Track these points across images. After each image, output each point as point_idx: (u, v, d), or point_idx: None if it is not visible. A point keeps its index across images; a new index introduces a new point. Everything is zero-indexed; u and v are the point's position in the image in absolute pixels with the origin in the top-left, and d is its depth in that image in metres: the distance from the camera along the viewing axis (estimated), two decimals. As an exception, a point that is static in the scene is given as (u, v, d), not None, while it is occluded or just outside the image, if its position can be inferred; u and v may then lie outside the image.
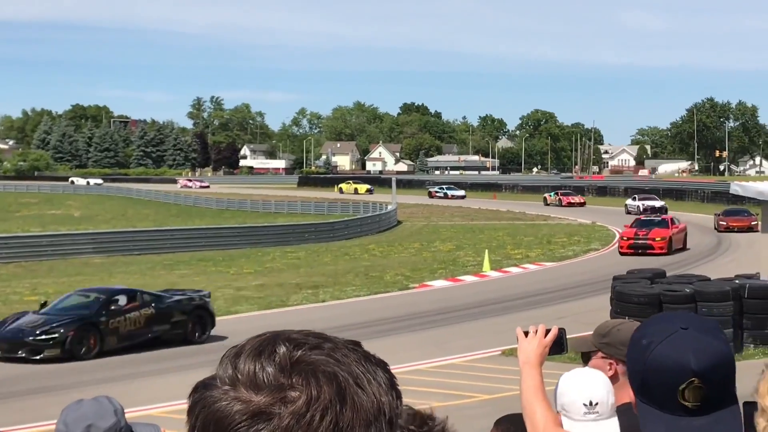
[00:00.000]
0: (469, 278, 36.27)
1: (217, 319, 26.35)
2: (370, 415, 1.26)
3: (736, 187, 23.70)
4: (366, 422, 1.25)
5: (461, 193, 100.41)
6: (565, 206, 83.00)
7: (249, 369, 1.27)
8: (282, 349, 1.28)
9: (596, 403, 3.52)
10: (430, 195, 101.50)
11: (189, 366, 19.58)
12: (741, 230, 53.88)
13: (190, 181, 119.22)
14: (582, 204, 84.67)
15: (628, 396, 3.91)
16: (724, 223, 55.83)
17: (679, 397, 2.11)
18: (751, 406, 2.27)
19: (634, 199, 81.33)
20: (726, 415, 2.14)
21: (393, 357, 19.72)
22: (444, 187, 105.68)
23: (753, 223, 53.16)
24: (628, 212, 72.61)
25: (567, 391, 3.52)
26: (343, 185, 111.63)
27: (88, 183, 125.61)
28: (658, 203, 76.41)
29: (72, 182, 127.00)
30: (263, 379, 1.25)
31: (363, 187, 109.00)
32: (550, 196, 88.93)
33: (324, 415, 1.23)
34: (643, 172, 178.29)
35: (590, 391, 3.54)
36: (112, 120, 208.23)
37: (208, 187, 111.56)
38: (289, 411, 1.23)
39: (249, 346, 1.30)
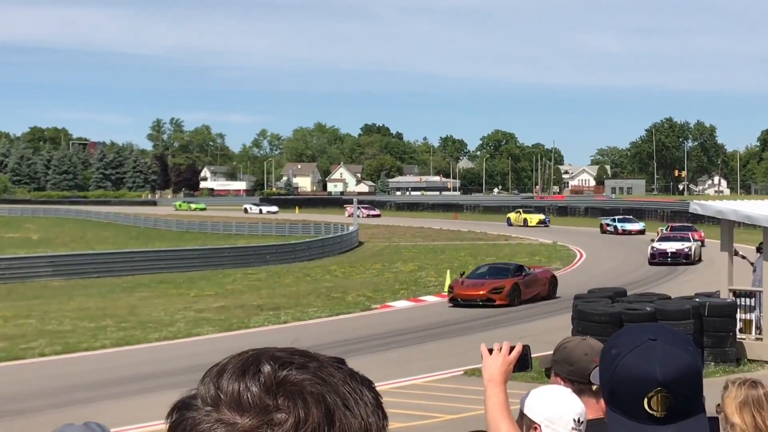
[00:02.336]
0: (430, 298, 36.23)
1: (178, 341, 26.18)
2: None
3: (696, 206, 23.82)
4: None
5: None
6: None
7: (233, 389, 1.20)
8: (267, 369, 1.22)
9: (582, 422, 3.58)
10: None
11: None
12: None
13: (359, 208, 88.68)
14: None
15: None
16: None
17: (645, 406, 2.15)
18: (713, 422, 2.33)
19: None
20: (692, 424, 2.18)
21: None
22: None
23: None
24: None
25: (554, 405, 3.54)
26: (511, 215, 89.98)
27: (260, 211, 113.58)
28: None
29: (246, 210, 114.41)
30: (248, 400, 1.19)
31: (535, 218, 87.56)
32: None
33: None
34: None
35: (580, 408, 3.59)
36: (70, 142, 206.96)
37: (379, 215, 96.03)
38: None
39: (232, 365, 1.24)
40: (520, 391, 3.86)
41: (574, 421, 3.56)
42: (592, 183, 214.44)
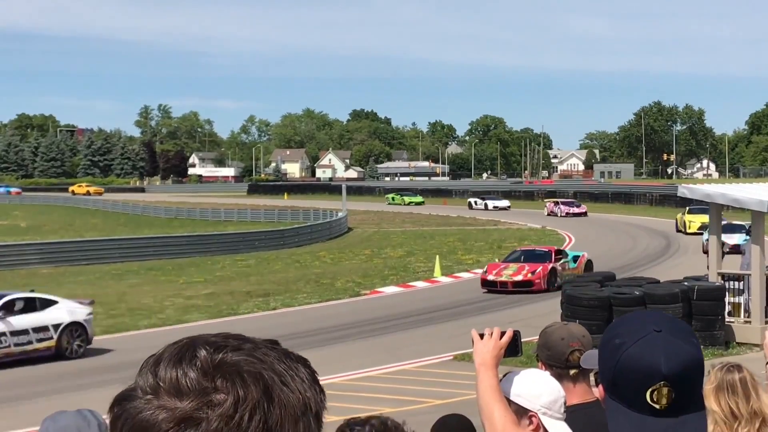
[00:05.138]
0: (420, 284, 36.26)
1: (168, 328, 26.13)
2: (298, 411, 1.26)
3: (684, 190, 23.82)
4: (294, 418, 1.25)
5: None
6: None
7: (171, 376, 1.24)
8: (202, 353, 1.26)
9: (566, 403, 3.61)
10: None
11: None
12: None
13: (556, 204, 79.87)
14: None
15: (569, 399, 3.91)
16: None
17: (647, 399, 2.14)
18: None
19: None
20: (693, 418, 2.17)
21: (344, 364, 19.72)
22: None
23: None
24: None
25: (547, 390, 3.55)
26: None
27: (486, 207, 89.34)
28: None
29: (470, 205, 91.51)
30: (186, 385, 1.23)
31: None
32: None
33: (253, 414, 1.21)
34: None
35: (562, 391, 3.60)
36: (58, 129, 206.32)
37: (585, 214, 76.97)
38: (217, 414, 1.20)
39: (168, 354, 1.28)
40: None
41: (563, 405, 3.57)
42: (581, 167, 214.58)
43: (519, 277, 32.09)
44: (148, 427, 1.21)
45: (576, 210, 77.95)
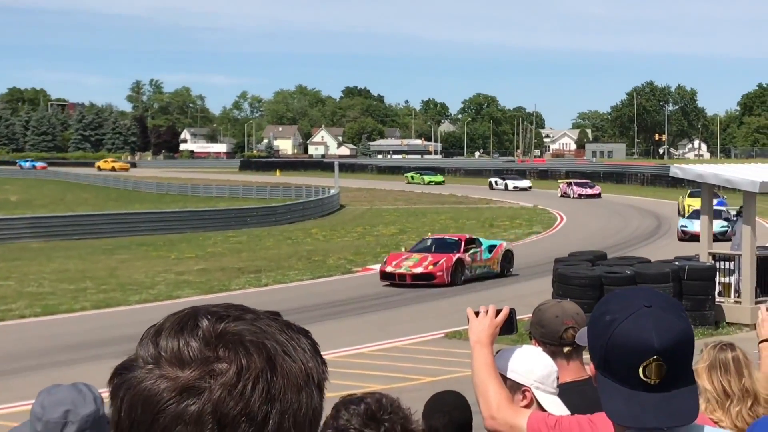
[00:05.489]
0: (411, 261, 36.22)
1: (159, 304, 26.08)
2: (300, 381, 1.26)
3: (676, 170, 23.84)
4: (297, 388, 1.25)
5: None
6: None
7: (172, 346, 1.23)
8: (204, 323, 1.25)
9: (558, 379, 3.63)
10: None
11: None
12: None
13: (569, 185, 74.96)
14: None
15: (562, 377, 3.93)
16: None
17: (640, 374, 2.15)
18: None
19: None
20: (685, 392, 2.19)
21: (336, 341, 19.73)
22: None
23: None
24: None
25: (539, 365, 3.57)
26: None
27: (506, 187, 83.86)
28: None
29: (491, 185, 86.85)
30: (188, 354, 1.22)
31: None
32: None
33: (256, 384, 1.21)
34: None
35: (554, 366, 3.63)
36: (49, 103, 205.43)
37: (599, 195, 71.61)
38: (220, 383, 1.20)
39: (169, 323, 1.27)
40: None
41: (556, 379, 3.60)
42: (573, 147, 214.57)
43: (419, 269, 28.68)
44: (149, 397, 1.21)
45: (589, 191, 72.86)
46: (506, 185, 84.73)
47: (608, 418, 2.22)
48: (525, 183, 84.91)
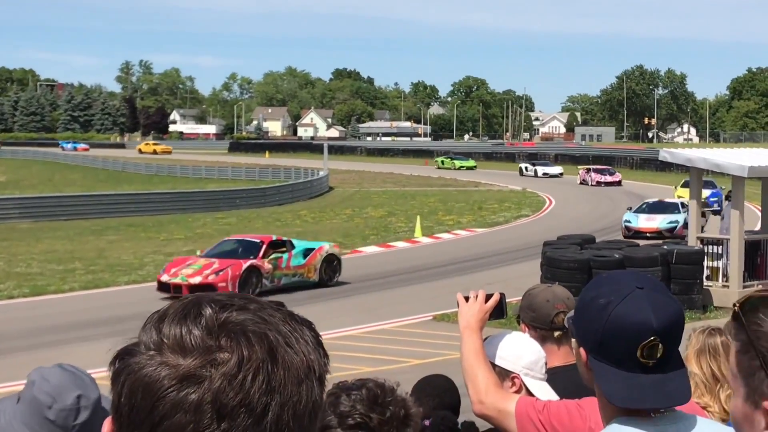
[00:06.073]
0: (400, 244, 36.30)
1: (147, 285, 26.03)
2: (301, 373, 1.25)
3: (665, 154, 23.87)
4: (297, 380, 1.24)
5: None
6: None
7: (175, 333, 1.23)
8: (208, 311, 1.25)
9: (547, 364, 3.64)
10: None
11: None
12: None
13: (588, 172, 70.33)
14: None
15: (550, 361, 3.94)
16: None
17: (638, 355, 2.17)
18: None
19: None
20: (679, 374, 2.22)
21: (324, 323, 19.70)
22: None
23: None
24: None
25: (527, 352, 3.58)
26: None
27: (536, 173, 79.54)
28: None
29: (522, 171, 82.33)
30: (190, 342, 1.22)
31: None
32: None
33: (256, 375, 1.21)
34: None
35: (542, 352, 3.64)
36: (38, 83, 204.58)
37: (619, 183, 67.36)
38: (220, 373, 1.20)
39: (173, 310, 1.26)
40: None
41: (545, 365, 3.60)
42: (563, 130, 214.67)
43: (197, 279, 23.72)
44: (150, 383, 1.21)
45: (609, 179, 68.21)
46: (536, 171, 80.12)
47: (608, 401, 2.22)
48: (556, 169, 79.97)
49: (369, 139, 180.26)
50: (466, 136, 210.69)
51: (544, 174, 78.79)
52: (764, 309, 1.70)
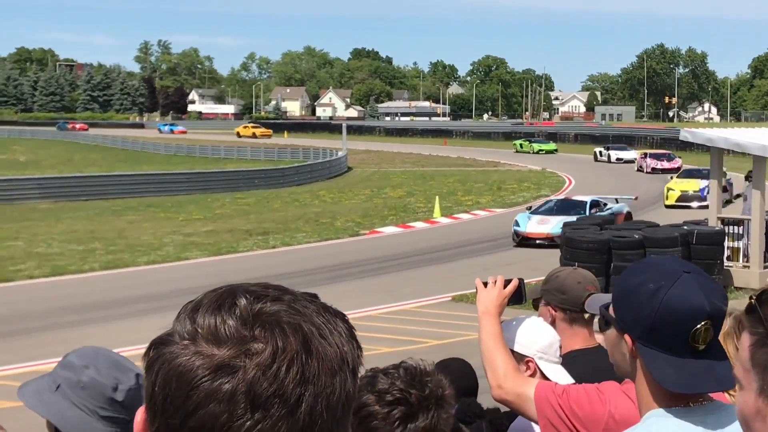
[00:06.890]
0: (419, 225, 36.26)
1: (167, 265, 26.14)
2: (335, 365, 1.24)
3: (686, 134, 23.72)
4: (331, 372, 1.24)
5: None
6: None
7: (209, 323, 1.23)
8: (242, 302, 1.24)
9: (560, 347, 3.63)
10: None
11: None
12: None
13: (644, 157, 63.81)
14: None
15: (573, 344, 3.91)
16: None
17: (690, 340, 2.17)
18: None
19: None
20: (724, 358, 2.22)
21: (344, 303, 19.70)
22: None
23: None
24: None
25: (541, 335, 3.58)
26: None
27: (609, 159, 73.29)
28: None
29: (596, 156, 75.76)
30: (225, 333, 1.22)
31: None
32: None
33: (290, 366, 1.21)
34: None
35: (556, 335, 3.64)
36: (57, 63, 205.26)
37: (678, 170, 54.36)
38: (255, 363, 1.20)
39: (207, 300, 1.26)
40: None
41: (559, 348, 3.60)
42: (582, 109, 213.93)
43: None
44: (184, 373, 1.21)
45: (666, 165, 60.70)
46: (609, 156, 73.79)
47: (662, 386, 2.20)
48: (631, 154, 72.88)
49: (387, 119, 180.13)
50: (485, 116, 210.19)
51: (617, 159, 72.67)
52: None
